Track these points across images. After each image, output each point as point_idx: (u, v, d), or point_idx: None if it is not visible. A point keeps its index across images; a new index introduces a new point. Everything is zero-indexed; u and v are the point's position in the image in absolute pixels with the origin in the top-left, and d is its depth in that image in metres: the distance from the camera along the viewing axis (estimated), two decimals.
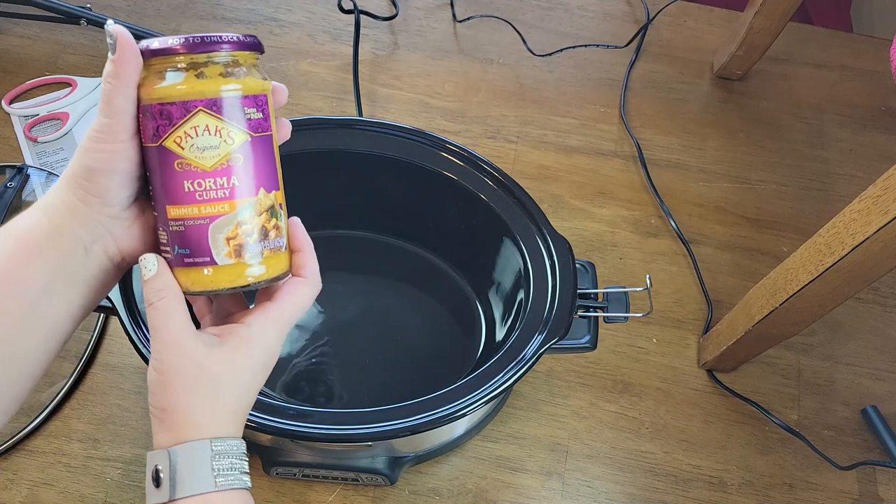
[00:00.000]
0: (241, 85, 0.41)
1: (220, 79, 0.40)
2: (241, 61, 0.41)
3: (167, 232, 0.42)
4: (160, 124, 0.40)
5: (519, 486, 0.77)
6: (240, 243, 0.42)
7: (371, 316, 0.78)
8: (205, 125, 0.40)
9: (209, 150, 0.41)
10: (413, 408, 0.60)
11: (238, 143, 0.41)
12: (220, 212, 0.41)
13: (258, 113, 0.42)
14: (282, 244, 0.44)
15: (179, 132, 0.40)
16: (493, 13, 1.11)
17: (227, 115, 0.41)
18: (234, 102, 0.41)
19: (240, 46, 0.41)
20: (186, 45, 0.40)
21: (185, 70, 0.40)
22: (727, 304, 0.88)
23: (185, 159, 0.41)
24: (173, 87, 0.40)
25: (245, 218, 0.42)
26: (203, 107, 0.40)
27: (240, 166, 0.41)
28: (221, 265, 0.42)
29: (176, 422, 0.41)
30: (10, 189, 0.89)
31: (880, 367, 0.87)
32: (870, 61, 1.10)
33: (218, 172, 0.41)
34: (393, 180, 0.76)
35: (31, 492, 0.74)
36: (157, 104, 0.40)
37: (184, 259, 0.42)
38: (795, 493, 0.79)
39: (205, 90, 0.40)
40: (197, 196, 0.41)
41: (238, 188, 0.41)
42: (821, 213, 0.97)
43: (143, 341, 0.61)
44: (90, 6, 1.02)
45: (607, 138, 1.01)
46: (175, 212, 0.41)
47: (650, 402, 0.83)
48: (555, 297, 0.65)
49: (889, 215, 0.56)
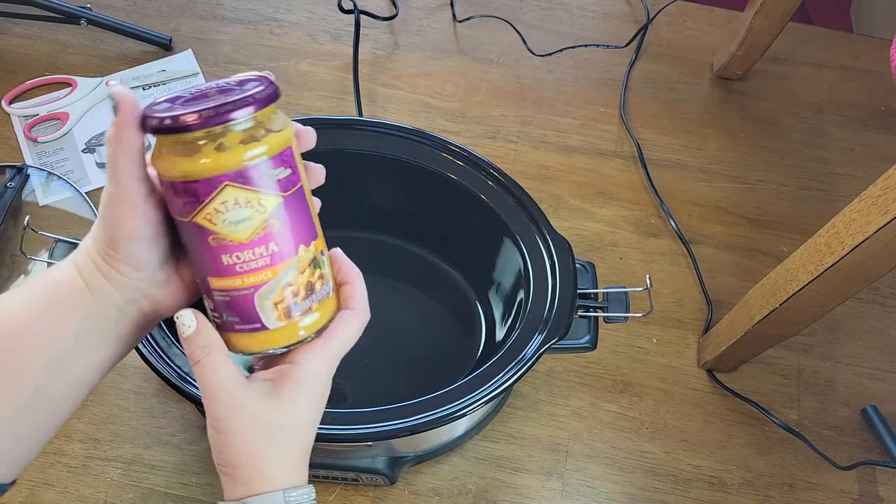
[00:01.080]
0: (265, 147, 0.38)
1: (243, 147, 0.37)
2: (260, 119, 0.38)
3: (212, 301, 0.41)
4: (187, 201, 0.38)
5: (519, 486, 0.77)
6: (288, 305, 0.40)
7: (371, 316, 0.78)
8: (234, 199, 0.38)
9: (242, 222, 0.38)
10: (413, 408, 0.60)
11: (271, 208, 0.38)
12: (264, 280, 0.39)
13: (287, 170, 0.39)
14: (329, 290, 0.43)
15: (209, 209, 0.38)
16: (493, 13, 1.11)
17: (256, 184, 0.38)
18: (261, 169, 0.38)
19: (258, 105, 0.37)
20: (202, 119, 0.36)
21: (204, 143, 0.37)
22: (727, 304, 0.88)
23: (218, 234, 0.38)
24: (194, 164, 0.37)
25: (289, 280, 0.40)
26: (230, 181, 0.37)
27: (276, 231, 0.39)
28: (273, 329, 0.40)
29: (246, 477, 0.40)
30: (10, 189, 0.89)
31: (880, 367, 0.87)
32: (870, 61, 1.10)
33: (255, 243, 0.39)
34: (393, 180, 0.76)
35: (31, 492, 0.74)
36: (181, 182, 0.37)
37: (235, 326, 0.41)
38: (795, 493, 0.79)
39: (228, 163, 0.37)
40: (238, 269, 0.39)
41: (278, 253, 0.39)
42: (821, 213, 0.97)
43: (144, 342, 0.61)
44: (90, 6, 1.02)
45: (607, 138, 1.01)
46: (218, 283, 0.40)
47: (650, 402, 0.83)
48: (555, 297, 0.65)
49: (889, 215, 0.56)
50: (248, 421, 0.40)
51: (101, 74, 1.00)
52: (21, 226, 0.88)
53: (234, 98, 0.37)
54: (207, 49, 1.04)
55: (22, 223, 0.88)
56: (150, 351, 0.60)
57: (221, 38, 1.06)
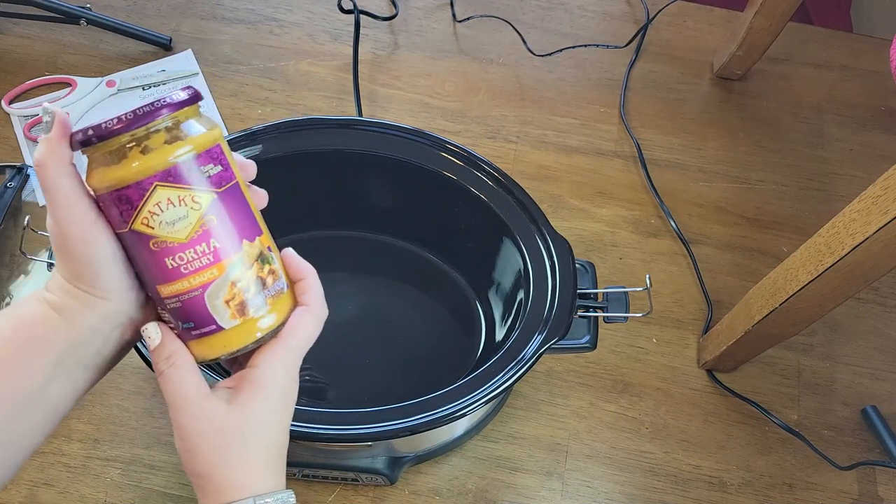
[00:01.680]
0: (191, 145, 0.39)
1: (167, 147, 0.38)
2: (182, 119, 0.39)
3: (166, 311, 0.41)
4: (123, 210, 0.39)
5: (519, 486, 0.77)
6: (240, 301, 0.41)
7: (371, 316, 0.78)
8: (166, 199, 0.38)
9: (179, 221, 0.39)
10: (413, 408, 0.60)
11: (206, 204, 0.39)
12: (210, 278, 0.40)
13: (217, 166, 0.40)
14: (282, 286, 0.43)
15: (144, 213, 0.38)
16: (493, 13, 1.11)
17: (186, 181, 0.39)
18: (189, 166, 0.39)
19: (178, 106, 0.39)
20: (122, 124, 0.37)
21: (129, 148, 0.38)
22: (727, 304, 0.88)
23: (158, 237, 0.39)
24: (123, 170, 0.38)
25: (237, 275, 0.40)
26: (158, 181, 0.38)
27: (215, 227, 0.40)
28: (229, 328, 0.41)
29: (214, 487, 0.40)
30: (10, 189, 0.89)
31: (880, 367, 0.87)
32: (870, 61, 1.10)
33: (195, 241, 0.39)
34: (393, 180, 0.76)
35: (30, 492, 0.74)
36: (113, 191, 0.38)
37: (191, 332, 0.41)
38: (795, 493, 0.79)
39: (155, 164, 0.38)
40: (182, 270, 0.39)
41: (220, 249, 0.40)
42: (821, 213, 0.97)
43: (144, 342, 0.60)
44: (90, 6, 1.02)
45: (607, 138, 1.01)
46: (167, 290, 0.40)
47: (650, 402, 0.83)
48: (555, 297, 0.65)
49: (889, 215, 0.56)
50: (210, 429, 0.40)
51: (101, 74, 1.00)
52: (21, 226, 0.88)
53: (152, 101, 0.38)
54: (207, 49, 1.04)
55: (22, 223, 0.88)
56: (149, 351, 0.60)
57: (221, 38, 1.06)
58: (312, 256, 0.83)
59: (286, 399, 0.42)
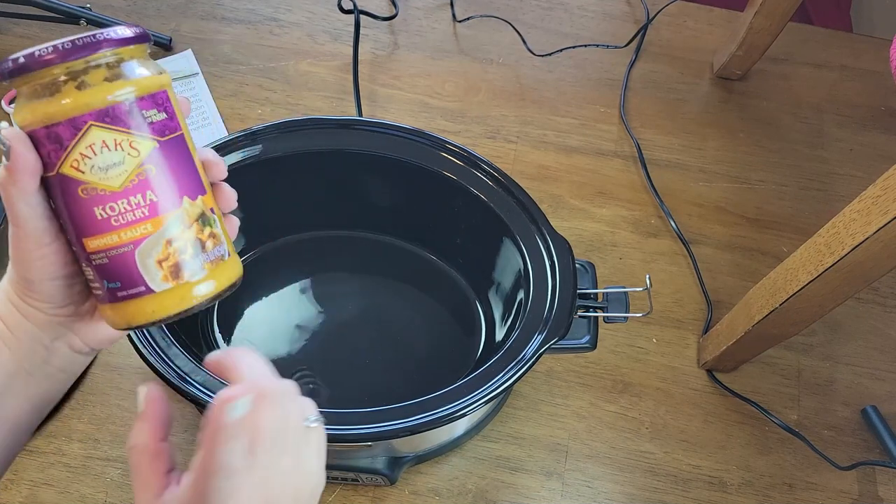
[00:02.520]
0: (133, 87, 0.36)
1: (107, 84, 0.35)
2: (126, 58, 0.36)
3: (91, 267, 0.37)
4: (51, 150, 0.35)
5: (519, 486, 0.77)
6: (174, 263, 0.37)
7: (371, 316, 0.78)
8: (101, 141, 0.35)
9: (113, 167, 0.35)
10: (413, 408, 0.60)
11: (145, 152, 0.36)
12: (144, 233, 0.36)
13: (161, 113, 0.37)
14: (223, 252, 0.40)
15: (75, 154, 0.35)
16: (493, 13, 1.11)
17: (125, 124, 0.35)
18: (129, 108, 0.35)
19: (122, 42, 0.36)
20: (58, 53, 0.34)
21: (64, 82, 0.35)
22: (727, 304, 0.88)
23: (88, 184, 0.35)
24: (54, 105, 0.34)
25: (174, 234, 0.37)
26: (94, 120, 0.35)
27: (153, 178, 0.36)
28: (160, 292, 0.37)
29: None
30: None
31: (880, 367, 0.87)
32: (870, 61, 1.10)
33: (130, 191, 0.36)
34: (393, 180, 0.76)
35: (31, 492, 0.74)
36: (42, 128, 0.35)
37: (117, 294, 0.37)
38: (795, 493, 0.79)
39: (91, 101, 0.35)
40: (113, 222, 0.36)
41: (157, 203, 0.36)
42: (821, 213, 0.97)
43: (143, 342, 0.61)
44: (90, 6, 1.02)
45: (607, 138, 1.01)
46: (93, 244, 0.36)
47: (650, 402, 0.83)
48: (555, 297, 0.65)
49: (889, 215, 0.56)
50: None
51: None
52: None
53: (94, 33, 0.35)
54: (207, 49, 1.04)
55: None
56: (149, 351, 0.60)
57: (221, 38, 1.06)
58: (312, 256, 0.83)
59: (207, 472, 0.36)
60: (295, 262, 0.80)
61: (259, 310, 0.77)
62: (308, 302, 0.78)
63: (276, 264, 0.79)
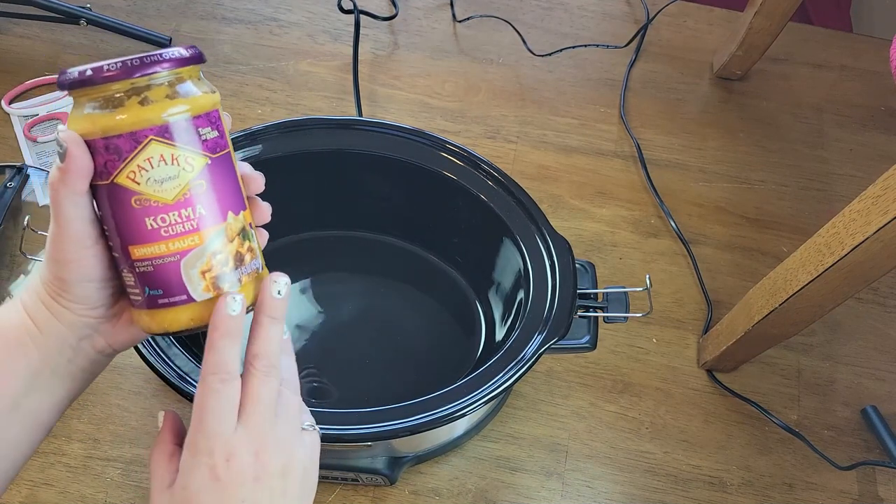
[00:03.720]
0: (191, 105, 0.37)
1: (168, 101, 0.37)
2: (185, 78, 0.38)
3: (133, 274, 0.39)
4: (108, 160, 0.37)
5: (519, 486, 0.77)
6: (216, 275, 0.39)
7: (371, 316, 0.78)
8: (159, 155, 0.37)
9: (168, 181, 0.37)
10: (413, 408, 0.60)
11: (198, 168, 0.38)
12: (190, 245, 0.38)
13: (213, 131, 0.39)
14: (258, 265, 0.42)
15: (132, 166, 0.37)
16: (493, 13, 1.11)
17: (182, 140, 0.37)
18: (187, 125, 0.37)
19: (183, 62, 0.37)
20: (125, 70, 0.36)
21: (127, 97, 0.36)
22: (727, 304, 0.88)
23: (142, 195, 0.37)
24: (117, 118, 0.36)
25: (218, 247, 0.39)
26: (154, 135, 0.36)
27: (203, 193, 0.38)
28: (200, 301, 0.39)
29: None
30: (10, 189, 0.89)
31: (880, 367, 0.87)
32: (870, 61, 1.10)
33: (181, 204, 0.37)
34: (393, 180, 0.76)
35: (31, 492, 0.74)
36: (102, 139, 0.36)
37: (157, 301, 0.39)
38: (795, 493, 0.79)
39: (153, 117, 0.36)
40: (162, 233, 0.37)
41: (205, 217, 0.38)
42: (821, 213, 0.97)
43: (143, 342, 0.61)
44: (90, 6, 1.02)
45: (607, 138, 1.01)
46: (140, 252, 0.38)
47: (650, 402, 0.83)
48: (555, 297, 0.65)
49: (889, 215, 0.56)
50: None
51: None
52: (21, 226, 0.88)
53: (158, 53, 0.37)
54: (207, 49, 1.04)
55: (22, 223, 0.88)
56: (149, 351, 0.60)
57: (221, 38, 1.06)
58: (312, 256, 0.83)
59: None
60: (295, 262, 0.79)
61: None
62: (308, 302, 0.78)
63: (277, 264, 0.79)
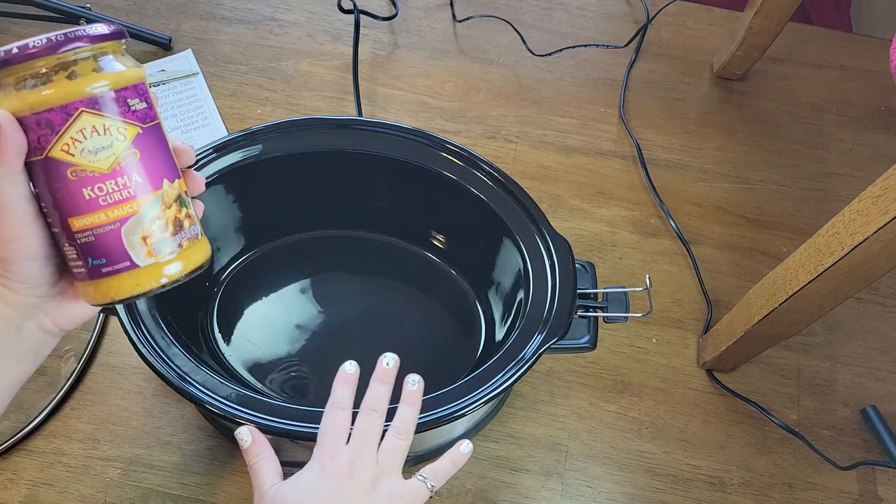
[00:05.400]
0: (118, 77, 0.39)
1: (96, 74, 0.38)
2: (109, 52, 0.39)
3: (74, 247, 0.40)
4: (41, 135, 0.38)
5: (519, 486, 0.77)
6: (157, 240, 0.40)
7: (371, 316, 0.78)
8: (91, 126, 0.38)
9: (102, 151, 0.38)
10: None
11: (130, 137, 0.39)
12: (129, 212, 0.39)
13: (142, 102, 0.40)
14: (197, 231, 0.43)
15: (66, 139, 0.38)
16: (493, 13, 1.11)
17: (112, 111, 0.38)
18: (115, 96, 0.39)
19: (108, 37, 0.39)
20: (51, 46, 0.37)
21: (54, 72, 0.37)
22: (727, 304, 0.88)
23: (78, 166, 0.38)
24: (46, 93, 0.37)
25: (156, 213, 0.40)
26: (85, 107, 0.38)
27: (137, 161, 0.39)
28: (143, 266, 0.40)
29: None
30: None
31: (880, 367, 0.87)
32: (869, 61, 1.10)
33: (116, 173, 0.39)
34: (393, 180, 0.76)
35: (30, 492, 0.74)
36: (33, 114, 0.37)
37: (101, 270, 0.40)
38: (795, 493, 0.79)
39: (82, 90, 0.38)
40: (101, 202, 0.39)
41: (141, 184, 0.40)
42: (820, 213, 0.97)
43: (143, 342, 0.61)
44: (90, 6, 1.02)
45: (607, 138, 1.01)
46: (80, 223, 0.39)
47: (650, 402, 0.83)
48: (554, 297, 0.65)
49: (888, 215, 0.56)
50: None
51: None
52: None
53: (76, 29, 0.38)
54: (207, 49, 1.05)
55: None
56: (149, 351, 0.60)
57: (221, 38, 1.06)
58: (312, 256, 0.83)
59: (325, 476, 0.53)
60: (295, 262, 0.80)
61: (259, 309, 0.77)
62: (308, 302, 0.78)
63: (276, 264, 0.79)
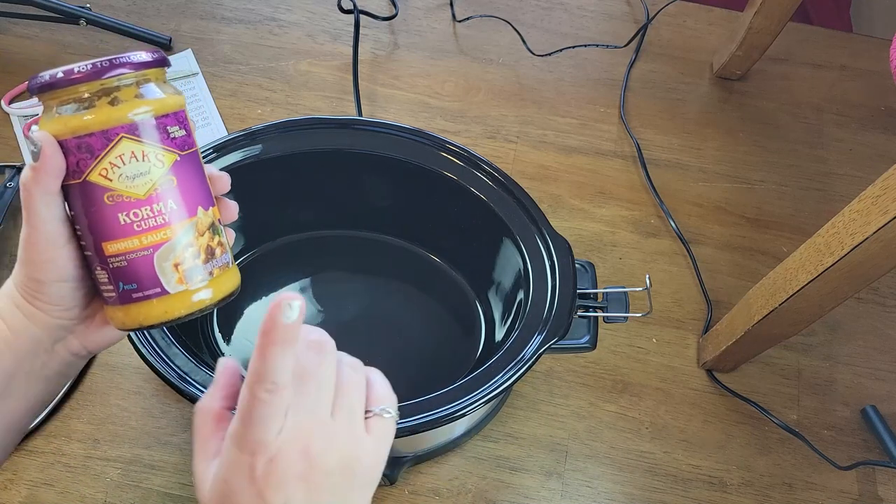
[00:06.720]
0: (159, 104, 0.39)
1: (137, 101, 0.39)
2: (151, 79, 0.40)
3: (107, 271, 0.40)
4: (80, 159, 0.38)
5: (518, 486, 0.77)
6: (188, 268, 0.40)
7: (371, 316, 0.78)
8: (130, 152, 0.38)
9: (139, 177, 0.39)
10: (413, 408, 0.60)
11: (168, 164, 0.39)
12: (163, 239, 0.39)
13: (181, 130, 0.40)
14: (228, 259, 0.43)
15: (104, 163, 0.38)
16: (493, 13, 1.11)
17: (152, 138, 0.39)
18: (156, 123, 0.39)
19: (151, 64, 0.39)
20: (95, 72, 0.38)
21: (97, 98, 0.38)
22: (727, 304, 0.88)
23: (115, 191, 0.38)
24: (88, 118, 0.38)
25: (190, 241, 0.40)
26: (125, 133, 0.38)
27: (173, 188, 0.40)
28: (173, 293, 0.40)
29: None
30: (9, 189, 0.89)
31: (880, 367, 0.87)
32: (869, 61, 1.10)
33: (153, 199, 0.39)
34: (393, 180, 0.76)
35: (30, 492, 0.74)
36: (74, 138, 0.38)
37: (132, 295, 0.40)
38: (795, 493, 0.79)
39: (123, 115, 0.38)
40: (135, 227, 0.39)
41: (176, 211, 0.40)
42: (820, 213, 0.97)
43: (143, 342, 0.61)
44: (90, 6, 1.02)
45: (607, 138, 1.01)
46: (113, 248, 0.39)
47: (650, 402, 0.83)
48: (554, 297, 0.65)
49: (888, 215, 0.56)
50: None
51: None
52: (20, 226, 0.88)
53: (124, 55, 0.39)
54: (207, 49, 1.04)
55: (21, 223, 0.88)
56: (149, 351, 0.60)
57: (221, 38, 1.06)
58: (313, 256, 0.83)
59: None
60: (295, 262, 0.80)
61: (259, 310, 0.77)
62: (308, 302, 0.78)
63: (276, 264, 0.79)
